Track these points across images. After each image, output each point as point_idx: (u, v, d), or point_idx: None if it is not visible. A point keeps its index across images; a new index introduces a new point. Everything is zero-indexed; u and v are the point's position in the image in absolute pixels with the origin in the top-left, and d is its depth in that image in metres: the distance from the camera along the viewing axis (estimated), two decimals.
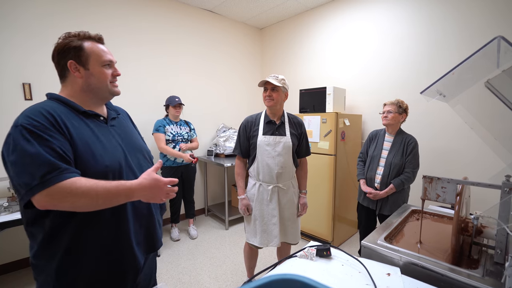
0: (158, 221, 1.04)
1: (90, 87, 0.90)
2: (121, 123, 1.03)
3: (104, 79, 0.91)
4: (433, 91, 1.13)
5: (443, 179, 1.10)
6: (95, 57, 0.89)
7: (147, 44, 3.03)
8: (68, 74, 0.88)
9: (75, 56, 0.86)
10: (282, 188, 1.74)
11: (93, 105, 0.93)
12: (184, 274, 2.27)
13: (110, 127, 0.95)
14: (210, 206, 3.71)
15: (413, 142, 1.99)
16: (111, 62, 0.94)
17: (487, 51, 0.91)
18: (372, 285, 0.89)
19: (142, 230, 0.96)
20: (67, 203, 0.73)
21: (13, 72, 2.25)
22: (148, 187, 0.83)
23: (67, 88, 0.90)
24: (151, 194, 0.84)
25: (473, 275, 0.90)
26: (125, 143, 0.97)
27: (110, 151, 0.88)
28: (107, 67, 0.92)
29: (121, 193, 0.79)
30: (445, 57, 2.38)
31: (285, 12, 3.60)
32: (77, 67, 0.87)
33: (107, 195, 0.76)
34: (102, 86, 0.92)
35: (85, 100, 0.91)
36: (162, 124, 2.77)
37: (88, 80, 0.89)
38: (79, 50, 0.87)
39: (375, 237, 1.21)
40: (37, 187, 0.70)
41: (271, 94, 1.66)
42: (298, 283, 0.41)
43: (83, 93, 0.90)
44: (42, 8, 2.35)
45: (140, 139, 1.11)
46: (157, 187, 0.84)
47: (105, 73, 0.91)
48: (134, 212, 0.92)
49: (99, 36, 0.93)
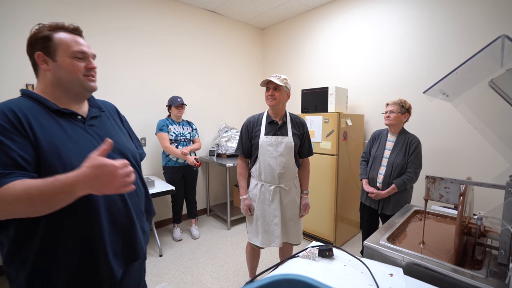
0: (142, 229, 0.96)
1: (60, 81, 0.82)
2: (104, 122, 0.94)
3: (74, 71, 0.82)
4: (436, 90, 1.12)
5: (446, 179, 1.10)
6: (63, 48, 0.80)
7: (148, 45, 3.04)
8: (38, 68, 0.82)
9: (42, 47, 0.79)
10: (284, 189, 1.74)
11: (69, 102, 0.85)
12: (186, 274, 2.28)
13: (87, 127, 0.87)
14: (212, 206, 3.71)
15: (415, 142, 1.98)
16: (84, 53, 0.84)
17: (491, 50, 0.90)
18: (375, 285, 0.89)
19: (120, 240, 0.88)
20: (7, 212, 0.66)
21: (16, 73, 2.26)
22: (91, 176, 0.66)
23: (40, 83, 0.83)
24: (99, 184, 0.67)
25: (477, 276, 0.90)
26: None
27: (81, 153, 0.78)
28: (78, 59, 0.83)
29: (58, 190, 0.65)
30: (447, 57, 2.37)
31: (286, 12, 3.60)
32: (45, 59, 0.80)
33: (42, 197, 0.65)
34: (73, 79, 0.82)
35: (59, 96, 0.83)
36: (165, 124, 2.78)
37: (57, 73, 0.81)
38: (47, 41, 0.79)
39: (377, 237, 1.21)
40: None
41: (273, 93, 1.65)
42: (301, 283, 0.41)
43: (54, 88, 0.82)
44: (42, 9, 2.36)
45: (126, 140, 1.00)
46: (105, 173, 0.66)
47: (76, 64, 0.82)
48: (110, 221, 0.84)
49: (73, 27, 0.85)
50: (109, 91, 2.76)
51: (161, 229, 3.20)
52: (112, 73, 2.79)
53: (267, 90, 1.69)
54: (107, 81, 2.75)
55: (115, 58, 2.80)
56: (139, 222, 0.94)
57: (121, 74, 2.85)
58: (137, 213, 0.93)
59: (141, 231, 0.96)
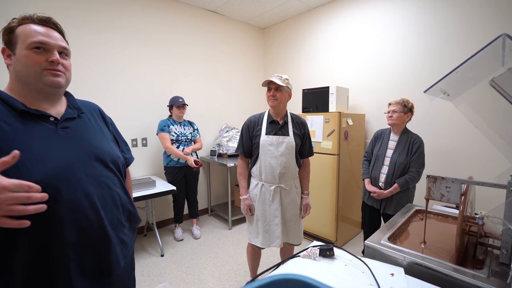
0: (120, 241, 0.87)
1: (18, 76, 0.74)
2: (81, 125, 0.85)
3: (31, 65, 0.72)
4: (437, 90, 1.12)
5: (448, 179, 1.09)
6: (21, 39, 0.73)
7: (149, 45, 3.04)
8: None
9: (7, 41, 0.74)
10: (284, 189, 1.74)
11: (38, 101, 0.76)
12: (187, 274, 2.28)
13: (60, 130, 0.77)
14: (213, 206, 3.72)
15: (418, 141, 1.98)
16: (44, 43, 0.74)
17: (492, 49, 0.90)
18: (376, 285, 0.89)
19: (91, 257, 0.78)
20: None
21: None
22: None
23: (10, 80, 0.77)
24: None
25: (478, 276, 0.89)
26: (78, 149, 0.79)
27: (48, 160, 0.71)
28: (37, 51, 0.73)
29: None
30: (449, 56, 2.36)
31: (287, 12, 3.60)
32: (9, 54, 0.75)
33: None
34: (30, 74, 0.73)
35: (24, 94, 0.75)
36: (166, 124, 2.79)
37: (15, 67, 0.73)
38: (10, 33, 0.74)
39: (378, 237, 1.20)
40: None
41: (274, 93, 1.65)
42: (301, 283, 0.41)
43: (17, 84, 0.75)
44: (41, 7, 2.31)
45: (106, 144, 0.90)
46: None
47: (33, 57, 0.73)
48: (78, 237, 0.75)
49: (39, 17, 0.76)
50: (109, 91, 2.77)
51: (163, 229, 3.21)
52: (112, 73, 2.79)
53: (269, 90, 1.68)
54: (108, 81, 2.75)
55: (115, 58, 2.80)
56: (117, 234, 0.85)
57: (121, 74, 2.86)
58: (114, 225, 0.85)
59: (119, 244, 0.86)
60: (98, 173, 0.82)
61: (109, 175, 0.86)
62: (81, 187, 0.76)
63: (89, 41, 2.57)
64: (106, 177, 0.84)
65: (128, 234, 0.93)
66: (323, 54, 3.42)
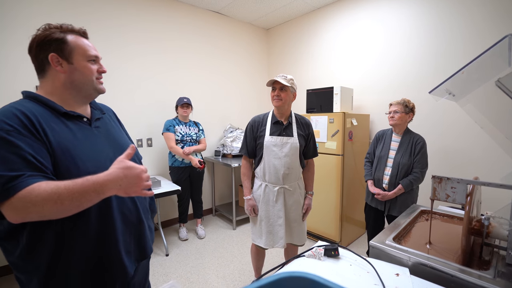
0: (148, 227, 0.99)
1: (74, 83, 0.83)
2: (106, 124, 0.96)
3: (90, 74, 0.85)
4: (442, 90, 1.12)
5: (453, 179, 1.09)
6: (80, 51, 0.82)
7: (154, 46, 3.07)
8: (48, 69, 0.81)
9: (57, 49, 0.79)
10: (288, 189, 1.74)
11: (76, 104, 0.86)
12: (192, 274, 2.30)
13: (94, 129, 0.88)
14: (217, 206, 3.74)
15: (421, 141, 1.97)
16: (97, 57, 0.88)
17: (498, 49, 0.90)
18: (381, 285, 0.89)
19: (132, 239, 0.91)
20: (33, 213, 0.65)
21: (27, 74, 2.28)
22: (122, 176, 0.71)
23: (47, 84, 0.82)
24: (126, 184, 0.72)
25: (484, 276, 0.89)
26: (112, 145, 0.90)
27: (94, 156, 0.82)
28: (92, 63, 0.86)
29: (88, 189, 0.68)
30: (453, 56, 2.35)
31: (291, 12, 3.60)
32: (59, 61, 0.80)
33: (72, 196, 0.66)
34: (87, 82, 0.85)
35: (67, 98, 0.83)
36: (172, 124, 2.81)
37: (72, 75, 0.82)
38: (62, 43, 0.80)
39: (383, 237, 1.20)
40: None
41: (279, 93, 1.65)
42: (307, 280, 0.42)
43: (65, 90, 0.82)
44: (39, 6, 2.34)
45: (128, 139, 1.04)
46: (132, 175, 0.72)
47: (91, 68, 0.85)
48: (123, 221, 0.87)
49: (83, 30, 0.87)
50: (115, 92, 2.80)
51: (167, 228, 3.23)
52: (118, 74, 2.82)
53: (273, 90, 1.68)
54: (113, 82, 2.78)
55: (118, 59, 2.83)
56: (146, 221, 0.97)
57: (126, 76, 2.89)
58: (144, 212, 0.97)
59: (149, 229, 0.99)
60: None
61: None
62: None
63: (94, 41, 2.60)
64: None
65: (151, 222, 1.05)
66: (327, 54, 3.41)
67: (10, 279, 2.24)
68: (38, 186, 0.65)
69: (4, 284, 2.20)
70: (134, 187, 0.73)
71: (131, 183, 0.73)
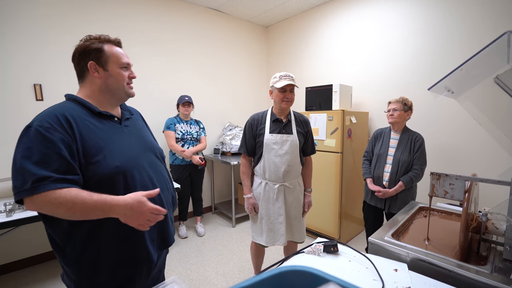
0: (171, 219, 1.07)
1: (108, 88, 0.94)
2: (134, 123, 1.06)
3: (122, 80, 0.96)
4: (441, 87, 1.12)
5: (451, 176, 1.10)
6: (114, 59, 0.93)
7: (152, 43, 3.06)
8: (87, 75, 0.92)
9: (95, 58, 0.90)
10: (288, 187, 1.74)
11: (109, 105, 0.97)
12: (192, 271, 2.31)
13: (124, 128, 0.99)
14: (217, 204, 3.74)
15: (420, 139, 1.98)
16: (128, 64, 0.98)
17: (497, 46, 0.90)
18: (380, 280, 0.90)
19: (155, 228, 0.97)
20: (46, 210, 0.76)
21: (24, 73, 2.29)
22: (130, 207, 0.81)
23: (86, 88, 0.94)
24: (130, 215, 0.82)
25: (482, 272, 0.90)
26: (138, 143, 1.00)
27: (122, 151, 0.91)
28: (124, 69, 0.96)
29: (98, 207, 0.78)
30: (452, 54, 2.36)
31: (290, 10, 3.59)
32: (96, 68, 0.91)
33: (83, 209, 0.76)
34: (119, 87, 0.96)
35: (102, 101, 0.95)
36: (172, 122, 2.81)
37: (107, 81, 0.93)
38: (99, 52, 0.91)
39: (382, 233, 1.21)
40: (24, 192, 0.73)
41: (290, 96, 1.65)
42: (308, 274, 0.42)
43: (100, 93, 0.94)
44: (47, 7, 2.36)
45: (153, 139, 1.14)
46: (139, 210, 0.82)
47: (123, 74, 0.96)
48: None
49: (118, 40, 0.99)
50: None
51: None
52: None
53: (283, 92, 1.64)
54: None
55: None
56: (169, 213, 1.05)
57: None
58: (167, 205, 1.04)
59: (171, 221, 1.07)
60: (154, 163, 1.02)
61: (160, 164, 1.07)
62: (147, 173, 0.96)
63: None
64: (159, 166, 1.05)
65: (172, 215, 1.11)
66: (326, 52, 3.41)
67: (12, 277, 2.25)
68: (60, 192, 0.75)
69: (4, 283, 2.20)
70: (136, 219, 0.83)
71: (135, 216, 0.82)
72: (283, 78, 1.62)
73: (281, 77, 1.63)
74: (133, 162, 0.92)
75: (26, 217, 1.77)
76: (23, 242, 2.36)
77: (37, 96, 2.34)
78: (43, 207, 0.75)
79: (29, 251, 2.40)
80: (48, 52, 2.39)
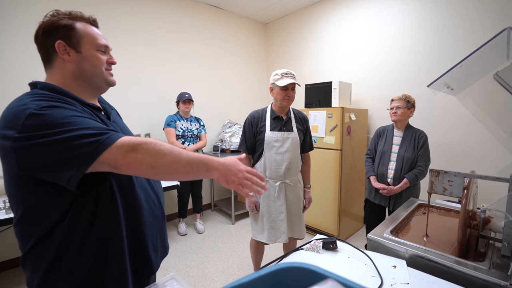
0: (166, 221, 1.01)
1: (83, 74, 0.77)
2: (118, 120, 0.95)
3: (99, 64, 0.79)
4: (441, 84, 1.12)
5: (450, 173, 1.10)
6: (89, 40, 0.77)
7: (151, 41, 3.04)
8: (55, 58, 0.75)
9: (64, 37, 0.73)
10: (289, 184, 1.74)
11: (88, 97, 0.81)
12: (191, 268, 2.32)
13: (113, 123, 0.86)
14: (216, 201, 3.75)
15: (423, 136, 1.98)
16: (107, 47, 0.82)
17: (496, 43, 0.90)
18: (378, 277, 0.90)
19: (157, 235, 0.90)
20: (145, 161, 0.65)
21: (22, 71, 2.27)
22: (228, 163, 0.75)
23: (55, 75, 0.76)
24: (229, 172, 0.75)
25: (480, 268, 0.91)
26: None
27: None
28: (101, 53, 0.80)
29: (202, 159, 0.72)
30: (447, 50, 2.36)
31: (289, 7, 3.57)
32: (66, 49, 0.74)
33: (189, 160, 0.69)
34: (97, 72, 0.79)
35: (78, 90, 0.78)
36: (173, 120, 2.81)
37: (81, 65, 0.76)
38: (70, 30, 0.74)
39: (381, 230, 1.22)
40: (107, 141, 0.63)
41: (291, 94, 1.65)
42: (306, 271, 0.42)
43: (75, 80, 0.77)
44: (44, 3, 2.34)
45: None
46: (237, 167, 0.76)
47: (100, 58, 0.79)
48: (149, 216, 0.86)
49: (93, 18, 0.81)
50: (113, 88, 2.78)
51: (167, 223, 3.24)
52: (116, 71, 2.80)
53: (285, 90, 1.63)
54: None
55: (116, 54, 2.80)
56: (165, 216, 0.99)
57: (123, 71, 2.86)
58: (163, 204, 0.98)
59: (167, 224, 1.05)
60: None
61: None
62: None
63: None
64: None
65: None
66: (326, 49, 3.40)
67: (15, 274, 2.25)
68: (156, 140, 0.68)
69: (9, 279, 2.21)
70: (233, 176, 0.75)
71: (232, 172, 0.75)
72: (285, 76, 1.61)
73: (283, 75, 1.62)
74: None
75: None
76: None
77: None
78: (145, 155, 0.64)
79: None
80: None
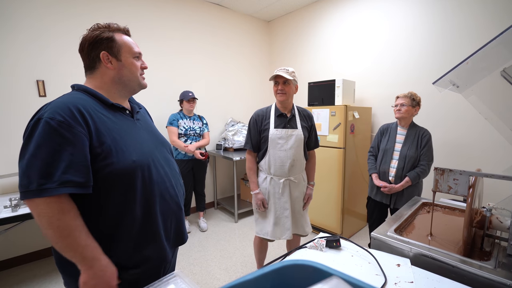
0: (184, 213, 1.06)
1: (122, 79, 0.90)
2: (144, 118, 1.03)
3: (135, 70, 0.91)
4: (446, 81, 1.11)
5: (455, 171, 1.09)
6: (126, 49, 0.89)
7: (153, 40, 3.05)
8: (98, 66, 0.87)
9: (107, 47, 0.85)
10: (293, 181, 1.75)
11: (120, 98, 0.93)
12: (195, 266, 2.33)
13: (136, 121, 0.95)
14: (219, 199, 3.76)
15: (427, 134, 1.96)
16: (140, 54, 0.94)
17: (504, 39, 0.88)
18: (382, 275, 0.90)
19: (172, 226, 0.96)
20: (42, 220, 0.71)
21: (27, 70, 2.30)
22: (100, 275, 0.74)
23: (96, 80, 0.88)
24: (95, 282, 0.74)
25: (485, 267, 0.90)
26: (151, 137, 0.97)
27: (138, 145, 0.87)
28: (136, 59, 0.92)
29: (80, 255, 0.73)
30: (459, 48, 2.32)
31: (292, 4, 3.55)
32: (109, 58, 0.86)
33: (71, 246, 0.72)
34: (133, 77, 0.92)
35: (113, 92, 0.90)
36: (176, 118, 2.82)
37: (121, 71, 0.89)
38: (111, 41, 0.86)
39: (385, 229, 1.21)
40: (32, 193, 0.68)
41: (283, 88, 1.65)
42: (310, 268, 0.42)
43: (113, 85, 0.89)
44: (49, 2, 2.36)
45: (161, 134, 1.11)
46: (105, 283, 0.76)
47: (136, 65, 0.91)
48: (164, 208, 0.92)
49: (127, 29, 0.93)
50: None
51: None
52: None
53: (276, 85, 1.67)
54: None
55: None
56: (183, 208, 1.04)
57: None
58: (181, 199, 1.02)
59: (184, 216, 1.07)
60: (167, 157, 1.00)
61: (173, 160, 1.05)
62: (162, 168, 0.94)
63: None
64: (172, 161, 1.03)
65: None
66: (330, 46, 3.38)
67: (21, 270, 2.28)
68: (69, 212, 0.72)
69: (13, 276, 2.24)
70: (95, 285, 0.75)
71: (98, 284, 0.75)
72: (276, 71, 1.64)
73: (276, 71, 1.64)
74: (149, 157, 0.89)
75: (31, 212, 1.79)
76: (29, 237, 2.40)
77: (40, 92, 2.36)
78: (41, 215, 0.70)
79: (35, 245, 2.44)
80: (51, 48, 2.39)
